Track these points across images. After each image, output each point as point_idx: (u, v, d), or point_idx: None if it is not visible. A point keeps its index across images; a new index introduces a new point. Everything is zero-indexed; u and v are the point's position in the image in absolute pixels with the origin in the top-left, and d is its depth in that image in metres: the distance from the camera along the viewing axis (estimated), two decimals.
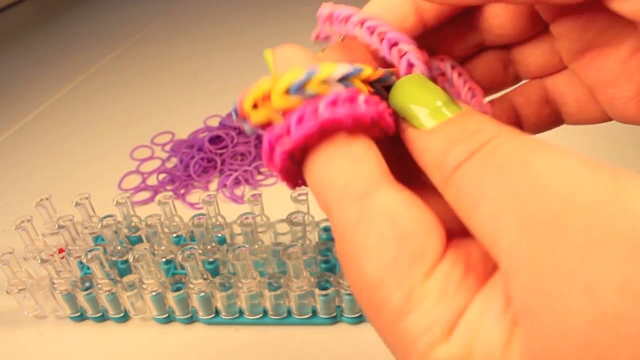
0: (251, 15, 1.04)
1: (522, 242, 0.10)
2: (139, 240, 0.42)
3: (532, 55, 0.19)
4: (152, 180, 0.56)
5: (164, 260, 0.39)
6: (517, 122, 0.20)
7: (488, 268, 0.12)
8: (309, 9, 1.04)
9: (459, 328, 0.11)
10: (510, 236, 0.11)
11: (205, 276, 0.36)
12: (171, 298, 0.37)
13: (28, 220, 0.40)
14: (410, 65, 0.16)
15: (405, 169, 0.16)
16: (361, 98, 0.14)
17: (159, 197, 0.41)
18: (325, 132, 0.13)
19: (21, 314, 0.40)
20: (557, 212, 0.10)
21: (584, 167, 0.11)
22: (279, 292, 0.36)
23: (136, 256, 0.36)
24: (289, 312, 0.37)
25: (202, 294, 0.36)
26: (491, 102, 0.20)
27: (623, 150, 0.53)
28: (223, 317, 0.38)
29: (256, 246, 0.39)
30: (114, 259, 0.40)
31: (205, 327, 0.39)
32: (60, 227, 0.40)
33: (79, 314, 0.39)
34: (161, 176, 0.56)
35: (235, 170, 0.54)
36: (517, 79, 0.20)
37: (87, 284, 0.38)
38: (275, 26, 0.97)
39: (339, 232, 0.13)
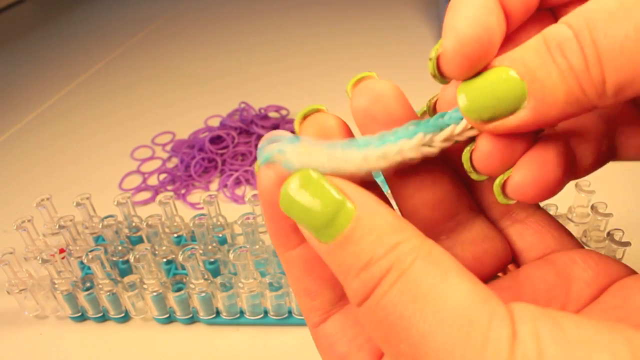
0: (251, 15, 1.04)
1: None
2: (140, 240, 0.42)
3: None
4: (153, 181, 0.56)
5: (164, 260, 0.39)
6: (572, 162, 0.17)
7: None
8: (307, 9, 1.04)
9: None
10: None
11: (206, 276, 0.36)
12: (172, 298, 0.37)
13: (29, 220, 0.40)
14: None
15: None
16: None
17: (159, 197, 0.41)
18: None
19: (22, 314, 0.40)
20: None
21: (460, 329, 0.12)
22: (279, 292, 0.36)
23: (137, 256, 0.36)
24: (290, 313, 0.37)
25: (203, 294, 0.36)
26: (542, 142, 0.16)
27: None
28: (224, 317, 0.38)
29: (257, 246, 0.39)
30: (114, 259, 0.40)
31: (206, 327, 0.39)
32: (61, 227, 0.40)
33: (79, 314, 0.39)
34: (162, 176, 0.56)
35: (236, 171, 0.54)
36: None
37: (88, 284, 0.38)
38: (275, 26, 0.97)
39: None
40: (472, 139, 0.16)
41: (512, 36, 0.17)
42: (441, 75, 0.15)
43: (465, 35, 0.14)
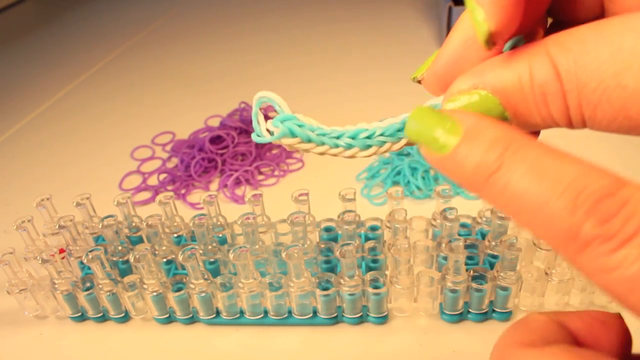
0: (251, 15, 1.04)
1: None
2: (140, 240, 0.42)
3: None
4: (153, 181, 0.56)
5: (164, 260, 0.39)
6: None
7: None
8: (307, 9, 1.04)
9: None
10: None
11: (206, 276, 0.36)
12: (172, 298, 0.37)
13: (29, 221, 0.40)
14: None
15: None
16: None
17: (159, 197, 0.41)
18: None
19: (22, 314, 0.40)
20: None
21: None
22: (279, 292, 0.36)
23: (137, 256, 0.36)
24: (290, 313, 0.37)
25: (203, 294, 0.36)
26: None
27: (623, 150, 0.53)
28: (224, 317, 0.38)
29: (257, 246, 0.39)
30: (114, 259, 0.40)
31: (206, 327, 0.39)
32: (61, 227, 0.40)
33: (79, 314, 0.39)
34: (162, 176, 0.56)
35: (236, 171, 0.54)
36: None
37: (88, 284, 0.38)
38: (275, 26, 0.97)
39: None
40: None
41: None
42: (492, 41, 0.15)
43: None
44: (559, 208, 0.12)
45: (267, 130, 0.18)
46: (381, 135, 0.17)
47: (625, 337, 0.16)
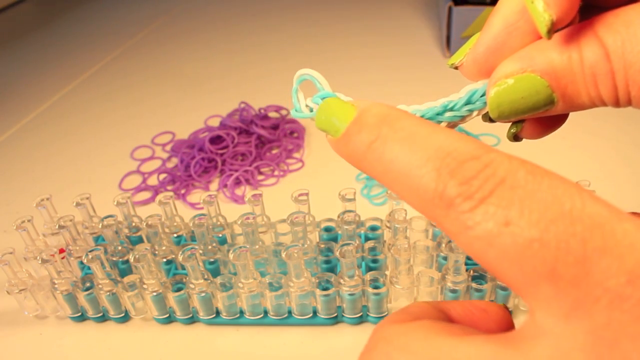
0: (251, 15, 1.04)
1: None
2: (140, 240, 0.42)
3: None
4: (153, 181, 0.56)
5: (164, 260, 0.39)
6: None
7: None
8: (308, 9, 1.04)
9: None
10: None
11: (206, 276, 0.36)
12: (172, 298, 0.37)
13: (29, 221, 0.40)
14: None
15: None
16: None
17: (159, 197, 0.41)
18: None
19: (22, 314, 0.40)
20: None
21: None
22: (279, 292, 0.36)
23: (137, 256, 0.36)
24: (290, 313, 0.37)
25: (203, 294, 0.36)
26: None
27: (623, 150, 0.53)
28: (224, 317, 0.38)
29: (257, 246, 0.39)
30: (114, 259, 0.40)
31: (205, 327, 0.39)
32: (60, 227, 0.40)
33: (79, 314, 0.39)
34: (162, 176, 0.56)
35: (236, 171, 0.54)
36: None
37: (88, 284, 0.38)
38: (275, 26, 0.97)
39: None
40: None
41: None
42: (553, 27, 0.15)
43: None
44: (426, 172, 0.13)
45: (307, 106, 0.18)
46: (422, 117, 0.18)
47: (506, 325, 0.17)
